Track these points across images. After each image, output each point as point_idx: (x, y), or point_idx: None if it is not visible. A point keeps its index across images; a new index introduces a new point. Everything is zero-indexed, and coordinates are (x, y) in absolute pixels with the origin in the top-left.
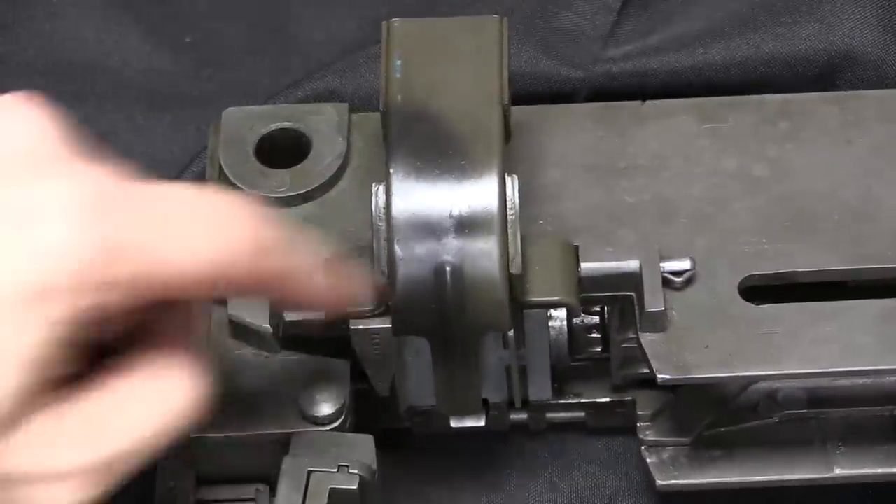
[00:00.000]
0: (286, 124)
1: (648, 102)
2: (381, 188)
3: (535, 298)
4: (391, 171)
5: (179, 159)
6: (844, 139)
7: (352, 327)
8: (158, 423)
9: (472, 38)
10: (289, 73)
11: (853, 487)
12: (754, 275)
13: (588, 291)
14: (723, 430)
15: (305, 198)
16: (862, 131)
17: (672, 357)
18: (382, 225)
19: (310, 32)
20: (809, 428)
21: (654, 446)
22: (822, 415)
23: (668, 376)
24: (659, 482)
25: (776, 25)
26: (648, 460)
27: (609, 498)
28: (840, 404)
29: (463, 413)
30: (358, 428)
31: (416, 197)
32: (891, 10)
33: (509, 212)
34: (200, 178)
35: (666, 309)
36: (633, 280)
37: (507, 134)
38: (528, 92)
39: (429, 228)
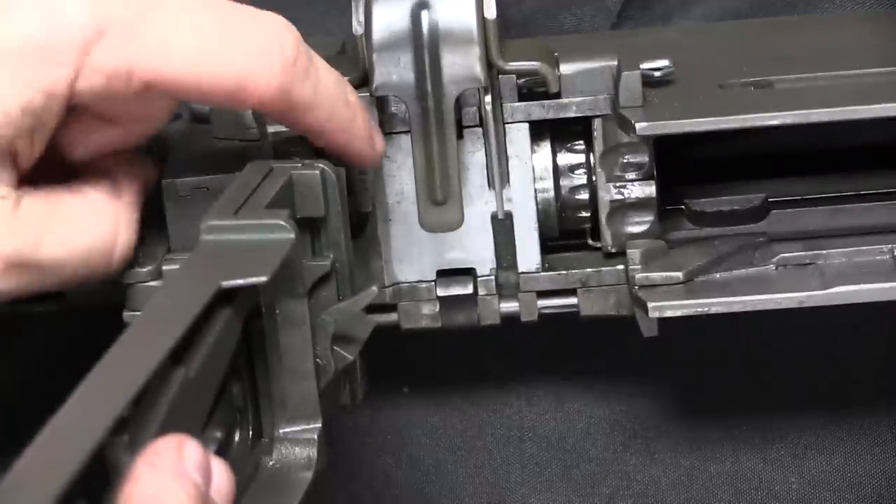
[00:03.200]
0: None
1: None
2: None
3: (511, 63)
4: None
5: None
6: (822, 27)
7: None
8: (78, 251)
9: None
10: None
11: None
12: (733, 82)
13: (568, 95)
14: (717, 276)
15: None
16: (840, 27)
17: (650, 116)
18: None
19: (309, 31)
20: (806, 273)
21: (646, 286)
22: (819, 259)
23: (645, 124)
24: (651, 305)
25: None
26: (640, 294)
27: (608, 497)
28: (838, 245)
29: (442, 225)
30: None
31: None
32: (890, 7)
33: None
34: None
35: (645, 95)
36: (612, 77)
37: None
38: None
39: None
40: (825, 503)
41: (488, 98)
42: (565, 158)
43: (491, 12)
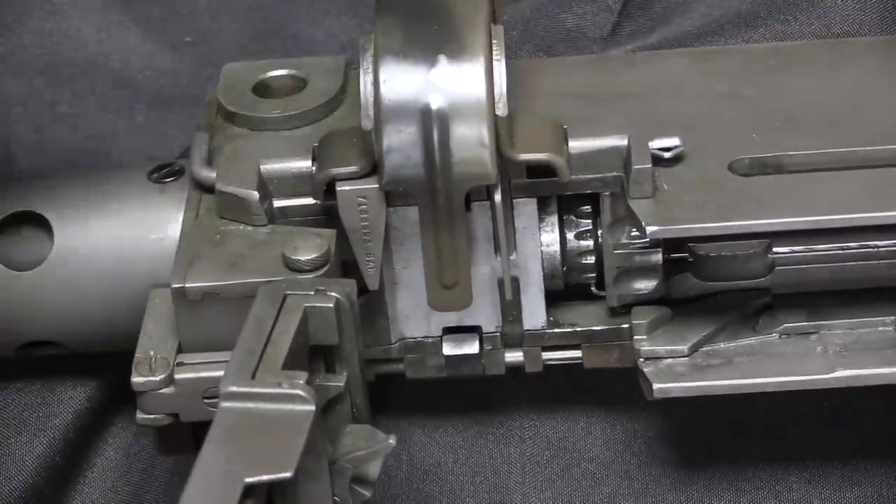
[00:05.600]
0: (283, 71)
1: (640, 53)
2: (370, 38)
3: (523, 155)
4: (379, 19)
5: None
6: (832, 68)
7: (338, 189)
8: None
9: None
10: None
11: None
12: (743, 158)
13: (577, 173)
14: (721, 345)
15: (299, 120)
16: (849, 62)
17: (661, 216)
18: (369, 73)
19: (309, 31)
20: (810, 342)
21: (651, 358)
22: (822, 329)
23: (656, 227)
24: (656, 386)
25: (776, 23)
26: (645, 370)
27: (609, 496)
28: (839, 308)
29: (451, 306)
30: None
31: (403, 45)
32: (892, 5)
33: (495, 51)
34: None
35: (655, 179)
36: (621, 157)
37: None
38: None
39: (416, 75)
40: (826, 501)
41: (498, 196)
42: (572, 225)
43: (503, 110)
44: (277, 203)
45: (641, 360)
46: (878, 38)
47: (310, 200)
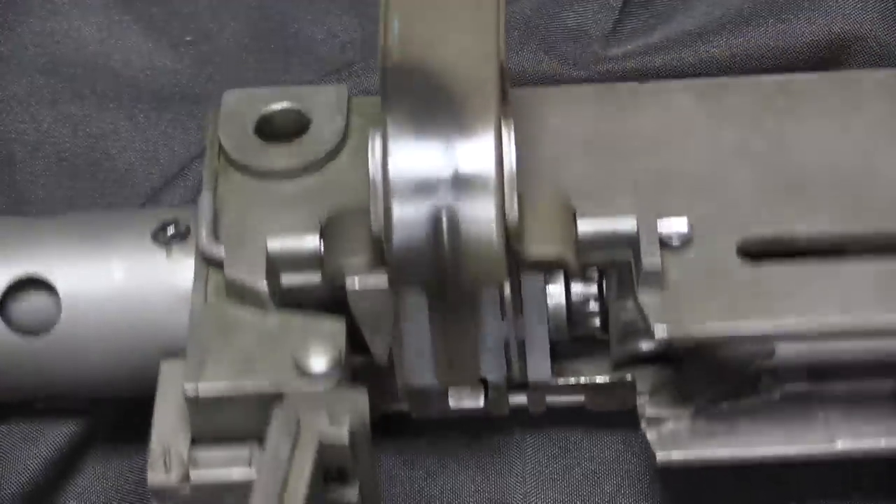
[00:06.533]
0: (286, 104)
1: (646, 83)
2: (378, 139)
3: (533, 253)
4: (388, 122)
5: (181, 157)
6: (843, 115)
7: (348, 287)
8: None
9: None
10: (289, 71)
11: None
12: (752, 238)
13: (585, 254)
14: (724, 406)
15: (304, 170)
16: (861, 109)
17: (669, 315)
18: (379, 176)
19: (310, 30)
20: (811, 405)
21: (654, 420)
22: (823, 390)
23: (665, 335)
24: (659, 454)
25: (778, 21)
26: (648, 435)
27: (610, 496)
28: (841, 377)
29: (459, 382)
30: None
31: (412, 147)
32: (892, 4)
33: (505, 159)
34: (201, 176)
35: (663, 267)
36: (629, 240)
37: (505, 92)
38: None
39: (426, 178)
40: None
41: (507, 291)
42: (579, 289)
43: (514, 214)
44: (286, 280)
45: (644, 423)
46: (888, 73)
47: (318, 278)
